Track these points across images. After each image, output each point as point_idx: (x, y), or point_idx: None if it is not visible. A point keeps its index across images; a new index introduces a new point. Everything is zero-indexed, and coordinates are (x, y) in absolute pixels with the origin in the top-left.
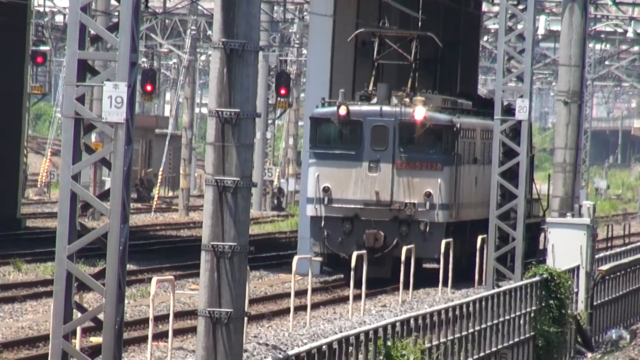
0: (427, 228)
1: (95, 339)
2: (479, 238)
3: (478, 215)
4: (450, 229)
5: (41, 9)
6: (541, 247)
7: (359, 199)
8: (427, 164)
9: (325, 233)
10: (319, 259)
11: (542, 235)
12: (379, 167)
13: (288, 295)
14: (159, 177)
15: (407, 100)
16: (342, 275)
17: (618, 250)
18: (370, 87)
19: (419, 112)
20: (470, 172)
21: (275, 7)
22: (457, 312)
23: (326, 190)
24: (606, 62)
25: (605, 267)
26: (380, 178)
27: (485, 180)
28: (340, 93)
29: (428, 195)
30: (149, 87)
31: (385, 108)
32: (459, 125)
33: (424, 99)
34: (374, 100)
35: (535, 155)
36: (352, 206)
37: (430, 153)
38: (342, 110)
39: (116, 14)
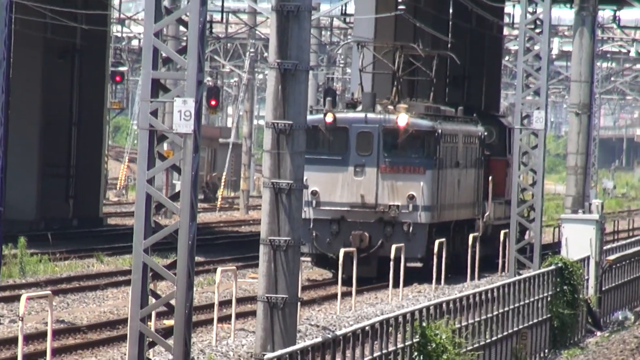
0: (411, 229)
1: (168, 322)
2: (502, 232)
3: (461, 215)
4: (433, 229)
5: (119, 35)
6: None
7: (346, 201)
8: (410, 167)
9: (314, 234)
10: (308, 259)
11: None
12: (364, 171)
13: (336, 282)
14: (223, 180)
15: (391, 107)
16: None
17: (623, 242)
18: (356, 95)
19: (402, 119)
20: (453, 175)
21: (323, 32)
22: (484, 297)
23: (314, 193)
24: (612, 78)
25: (612, 257)
26: (366, 182)
27: (467, 183)
28: (327, 101)
29: (411, 197)
30: (213, 102)
31: (370, 115)
32: (440, 131)
33: (407, 106)
34: (359, 107)
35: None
36: (339, 208)
37: (413, 157)
38: (329, 118)
39: (184, 38)
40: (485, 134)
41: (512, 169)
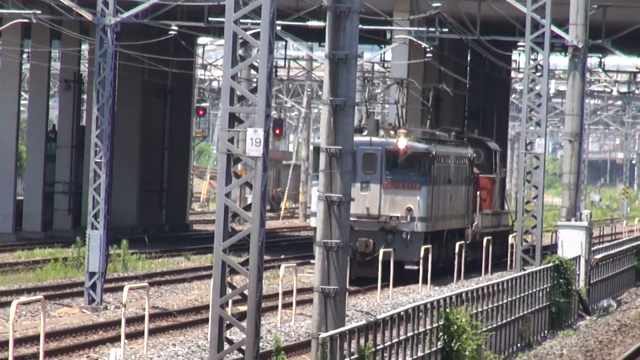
0: (408, 236)
1: (242, 308)
2: (510, 237)
3: (452, 225)
4: (428, 237)
5: (202, 77)
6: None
7: (353, 212)
8: (408, 184)
9: None
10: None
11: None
12: (369, 187)
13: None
14: (285, 194)
15: (392, 132)
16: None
17: (607, 244)
18: (363, 122)
19: (402, 142)
20: (445, 191)
21: (367, 74)
22: (495, 288)
23: None
24: (598, 112)
25: (598, 256)
26: (370, 196)
27: (458, 197)
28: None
29: (409, 209)
30: (278, 131)
31: (374, 139)
32: (434, 153)
33: (406, 131)
34: (365, 132)
35: (505, 177)
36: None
37: (410, 175)
38: None
39: (255, 80)
40: (474, 155)
41: (497, 185)
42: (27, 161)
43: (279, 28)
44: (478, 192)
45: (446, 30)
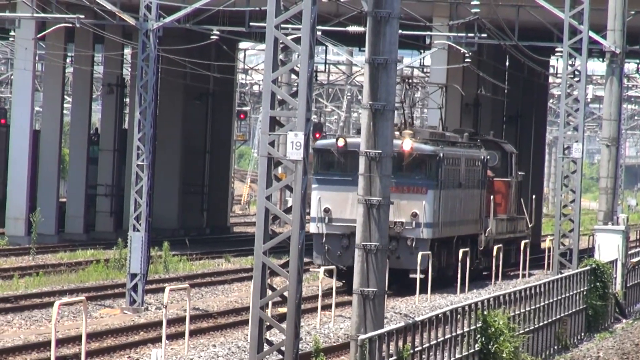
0: (414, 243)
1: (282, 309)
2: (548, 239)
3: (463, 231)
4: (435, 244)
5: (243, 81)
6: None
7: (355, 218)
8: (413, 188)
9: (326, 248)
10: (320, 269)
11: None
12: None
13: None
14: None
15: (397, 133)
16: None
17: None
18: None
19: (407, 144)
20: (455, 195)
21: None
22: (533, 291)
23: (327, 210)
24: (635, 117)
25: (635, 260)
26: None
27: (470, 202)
28: (339, 128)
29: (414, 215)
30: (317, 135)
31: None
32: (442, 155)
33: (412, 132)
34: None
35: (522, 181)
36: (349, 224)
37: (416, 179)
38: (341, 142)
39: (296, 84)
40: (488, 157)
41: (513, 189)
42: (70, 164)
43: (319, 33)
44: (492, 197)
45: (485, 35)
